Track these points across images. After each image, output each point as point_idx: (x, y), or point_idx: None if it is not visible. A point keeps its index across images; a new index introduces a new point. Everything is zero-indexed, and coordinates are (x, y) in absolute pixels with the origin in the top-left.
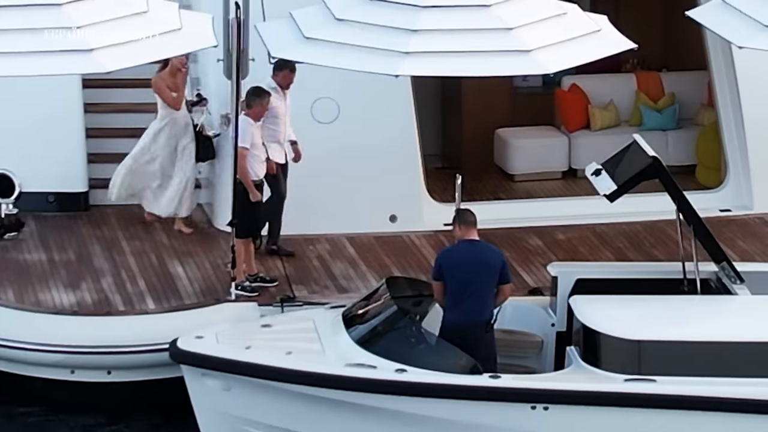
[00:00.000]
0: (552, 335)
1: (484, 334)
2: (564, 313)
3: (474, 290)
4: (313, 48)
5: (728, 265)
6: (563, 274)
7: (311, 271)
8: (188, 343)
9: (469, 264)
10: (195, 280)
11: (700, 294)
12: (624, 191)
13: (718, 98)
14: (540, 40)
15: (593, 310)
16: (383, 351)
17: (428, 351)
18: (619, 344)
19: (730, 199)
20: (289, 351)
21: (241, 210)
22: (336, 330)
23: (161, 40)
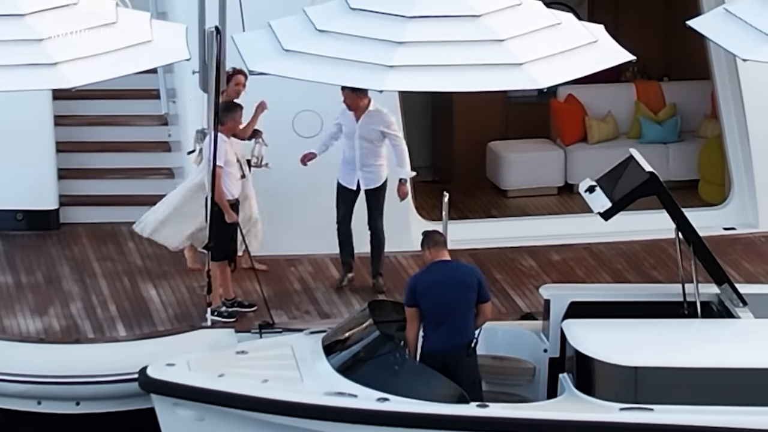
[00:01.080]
0: (545, 362)
1: (465, 358)
2: (557, 338)
3: (452, 312)
4: (293, 61)
5: (730, 287)
6: (556, 297)
7: (292, 295)
8: (159, 370)
9: (443, 285)
10: (169, 305)
11: (700, 317)
12: (619, 209)
13: (721, 109)
14: (533, 53)
15: (587, 334)
16: (365, 379)
17: (412, 379)
18: (615, 371)
19: (735, 216)
20: (266, 379)
21: (217, 232)
22: (315, 357)
23: (131, 52)
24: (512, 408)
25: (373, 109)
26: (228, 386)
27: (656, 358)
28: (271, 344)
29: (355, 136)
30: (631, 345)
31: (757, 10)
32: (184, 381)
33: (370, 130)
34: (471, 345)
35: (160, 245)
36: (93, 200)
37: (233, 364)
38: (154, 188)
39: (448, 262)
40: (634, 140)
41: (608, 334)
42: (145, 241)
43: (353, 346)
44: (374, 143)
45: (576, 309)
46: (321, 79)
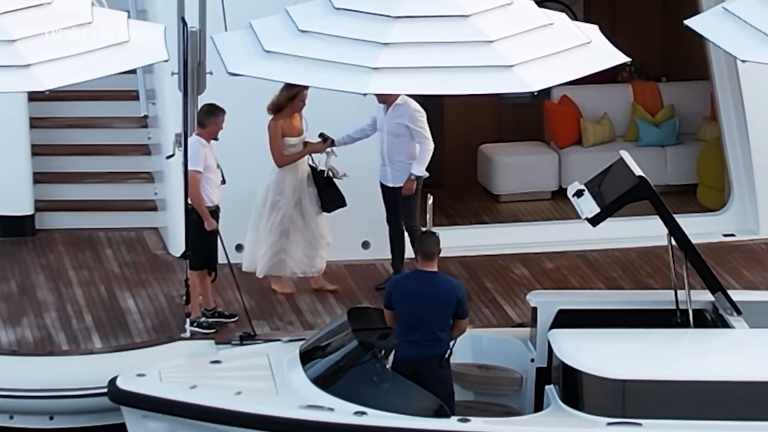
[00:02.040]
0: (532, 371)
1: (438, 369)
2: (544, 348)
3: (425, 325)
4: (274, 62)
5: (724, 296)
6: (543, 305)
7: (275, 305)
8: (128, 381)
9: (420, 298)
10: (147, 315)
11: (692, 327)
12: (608, 214)
13: (721, 111)
14: (523, 54)
15: (573, 345)
16: (342, 391)
17: (391, 392)
18: (602, 384)
19: (735, 222)
20: (239, 391)
21: (196, 239)
22: (291, 367)
23: (107, 53)
24: (494, 422)
25: (401, 102)
26: (200, 398)
27: (645, 371)
28: (247, 354)
29: (384, 130)
30: (620, 357)
31: (757, 8)
32: (155, 392)
33: (395, 124)
34: (444, 356)
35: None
36: (70, 205)
37: (206, 375)
38: (133, 193)
39: (430, 273)
40: (630, 143)
41: (596, 345)
42: (123, 247)
43: (331, 356)
44: (401, 138)
45: (564, 317)
46: (302, 81)
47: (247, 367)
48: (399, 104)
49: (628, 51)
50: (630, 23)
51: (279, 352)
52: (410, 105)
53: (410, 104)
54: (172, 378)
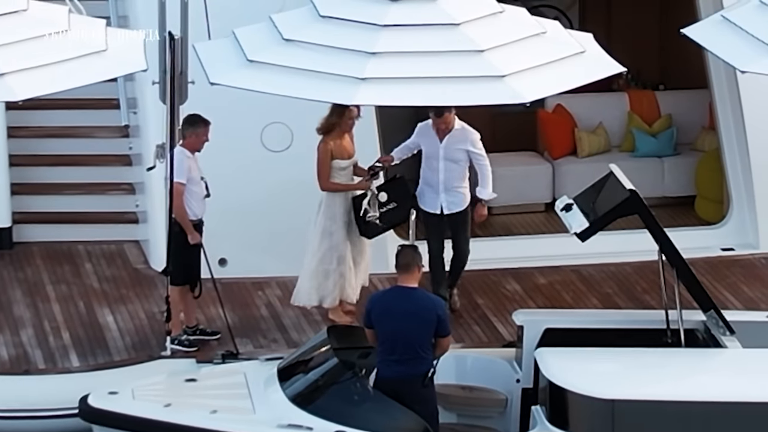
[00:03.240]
0: (517, 392)
1: (420, 389)
2: (530, 368)
3: (405, 343)
4: (257, 73)
5: (716, 314)
6: (530, 323)
7: (259, 322)
8: (100, 399)
9: (399, 315)
10: (127, 333)
11: (684, 346)
12: (598, 229)
13: (720, 121)
14: (515, 64)
15: (561, 364)
16: (321, 410)
17: (372, 410)
18: (590, 404)
19: (734, 236)
20: (215, 409)
21: (178, 253)
22: (269, 385)
23: (84, 62)
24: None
25: (459, 127)
26: (174, 417)
27: (636, 391)
28: (223, 372)
29: (440, 157)
30: (609, 376)
31: (757, 17)
32: (128, 411)
33: (455, 150)
34: (427, 375)
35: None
36: (48, 217)
37: (181, 393)
38: (113, 205)
39: (410, 290)
40: (626, 153)
41: (584, 364)
42: (102, 261)
43: (310, 374)
44: (459, 164)
45: (551, 336)
46: (286, 92)
47: (224, 386)
48: (458, 129)
49: (624, 58)
50: (627, 30)
51: (257, 371)
52: (469, 129)
53: (467, 128)
54: (146, 396)
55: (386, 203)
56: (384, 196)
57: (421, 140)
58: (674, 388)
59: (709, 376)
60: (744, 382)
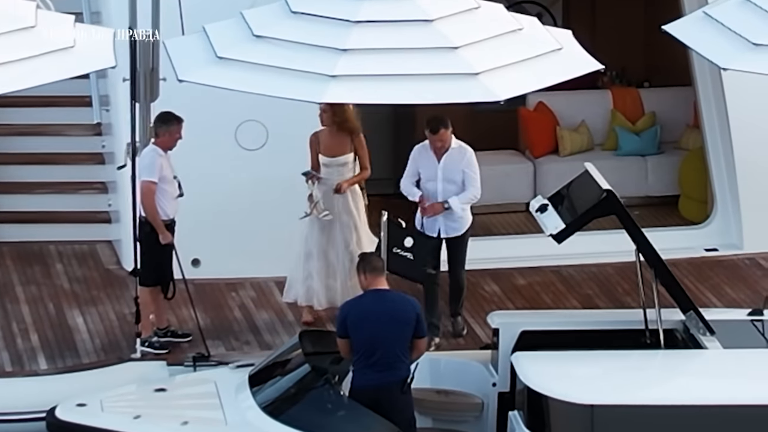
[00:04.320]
0: (493, 396)
1: (399, 396)
2: (507, 371)
3: (385, 347)
4: (226, 69)
5: (696, 315)
6: (506, 326)
7: (231, 324)
8: (68, 412)
9: (377, 318)
10: (96, 334)
11: (663, 348)
12: (573, 230)
13: (704, 119)
14: (490, 61)
15: (538, 368)
16: (294, 419)
17: (346, 419)
18: (569, 409)
19: (717, 236)
20: (185, 420)
21: (149, 254)
22: (240, 395)
23: (50, 59)
24: None
25: (456, 146)
26: (144, 429)
27: (615, 395)
28: (193, 381)
29: (438, 179)
30: (588, 380)
31: (739, 13)
32: (96, 423)
33: (453, 171)
34: (406, 381)
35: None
36: (19, 217)
37: (151, 403)
38: (86, 204)
39: (384, 292)
40: (609, 152)
41: (562, 368)
42: (74, 261)
43: (282, 382)
44: (458, 185)
45: (528, 339)
46: (255, 89)
47: (194, 395)
48: (455, 148)
49: (609, 55)
50: (611, 26)
51: (227, 379)
52: (467, 149)
53: (465, 147)
54: (115, 407)
55: (406, 249)
56: (410, 242)
57: (419, 164)
58: (655, 391)
59: (689, 379)
60: (725, 385)
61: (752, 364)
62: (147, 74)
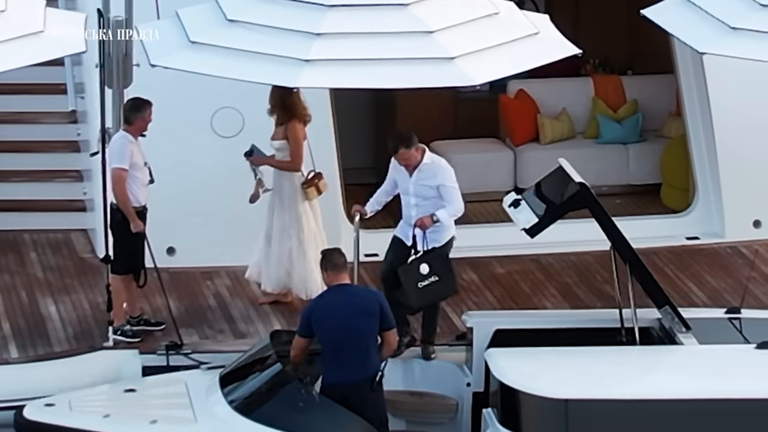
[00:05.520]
0: (468, 397)
1: (369, 393)
2: (481, 371)
3: (352, 342)
4: (199, 54)
5: (672, 310)
6: (480, 325)
7: (206, 312)
8: (36, 411)
9: (342, 312)
10: (69, 323)
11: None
12: (547, 224)
13: (685, 107)
14: (466, 46)
15: (512, 364)
16: (265, 418)
17: (319, 418)
18: (543, 404)
19: (699, 224)
20: (154, 419)
21: (121, 242)
22: (211, 394)
23: (19, 44)
24: None
25: (428, 162)
26: (113, 428)
27: (590, 390)
28: (163, 381)
29: (410, 193)
30: (562, 375)
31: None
32: (65, 423)
33: (423, 187)
34: (376, 378)
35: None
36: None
37: (120, 403)
38: (61, 192)
39: (347, 286)
40: (590, 140)
41: (536, 364)
42: (48, 250)
43: (253, 381)
44: (431, 200)
45: (502, 337)
46: (228, 74)
47: (164, 395)
48: (426, 164)
49: (591, 43)
50: (595, 13)
51: (198, 380)
52: (439, 164)
53: (438, 163)
54: (84, 407)
55: (427, 275)
56: (425, 269)
57: (395, 175)
58: (631, 386)
59: (664, 374)
60: (701, 379)
61: (728, 360)
62: (120, 60)
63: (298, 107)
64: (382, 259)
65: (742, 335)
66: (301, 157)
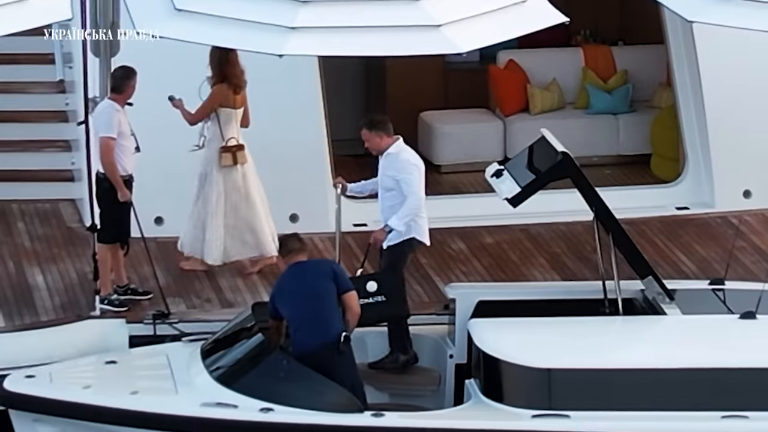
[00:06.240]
0: (451, 369)
1: (336, 357)
2: (464, 342)
3: (310, 306)
4: (184, 22)
5: (655, 281)
6: (462, 296)
7: (193, 282)
8: (17, 383)
9: (296, 282)
10: (56, 292)
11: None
12: (529, 194)
13: (675, 77)
14: (452, 13)
15: (495, 334)
16: (246, 388)
17: (299, 386)
18: (526, 374)
19: (689, 194)
20: (135, 391)
21: (107, 211)
22: (192, 365)
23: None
24: (411, 417)
25: (393, 152)
26: (94, 399)
27: (572, 359)
28: (144, 354)
29: (379, 184)
30: (545, 345)
31: None
32: (46, 394)
33: (386, 177)
34: (341, 340)
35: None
36: None
37: (101, 374)
38: (49, 162)
39: (300, 262)
40: (580, 110)
41: (519, 334)
42: (36, 220)
43: (234, 352)
44: (393, 193)
45: (484, 309)
46: (214, 42)
47: (145, 367)
48: (391, 153)
49: (583, 14)
50: None
51: (179, 351)
52: (401, 155)
53: (402, 154)
54: (64, 379)
55: (374, 294)
56: (373, 286)
57: None
58: (614, 356)
59: (647, 344)
60: (683, 349)
61: (711, 330)
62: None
63: (228, 71)
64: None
65: (726, 306)
66: (201, 114)
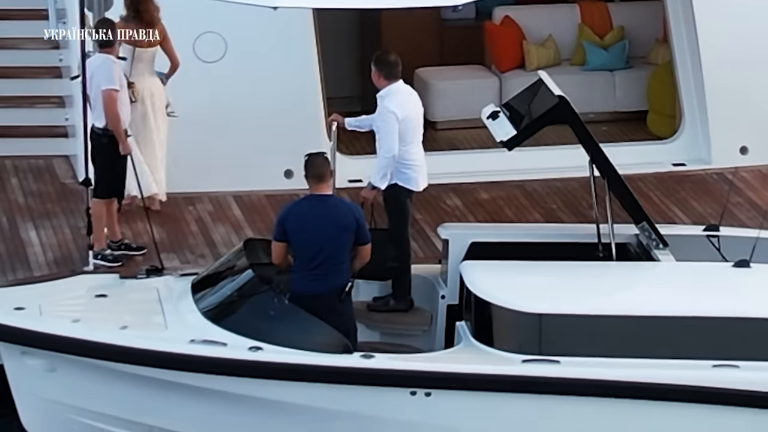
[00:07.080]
0: (442, 310)
1: (337, 304)
2: (456, 284)
3: (326, 253)
4: None
5: (650, 227)
6: (455, 237)
7: (187, 237)
8: (5, 315)
9: (317, 223)
10: (49, 248)
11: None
12: (525, 137)
13: (672, 33)
14: None
15: (486, 277)
16: (236, 325)
17: (289, 326)
18: (517, 318)
19: (685, 151)
20: (125, 325)
21: (106, 163)
22: (182, 301)
23: None
24: (400, 359)
25: (382, 94)
26: (82, 333)
27: (564, 304)
28: (135, 288)
29: None
30: (537, 289)
31: None
32: (34, 327)
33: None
34: (345, 290)
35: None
36: None
37: (90, 308)
38: (43, 118)
39: (326, 197)
40: (577, 67)
41: (511, 277)
42: (29, 176)
43: (224, 289)
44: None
45: (477, 251)
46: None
47: (135, 301)
48: (380, 96)
49: None
50: None
51: (170, 286)
52: (385, 100)
53: (386, 99)
54: (54, 312)
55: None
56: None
57: None
58: (606, 302)
59: (641, 290)
60: (676, 296)
61: (704, 278)
62: None
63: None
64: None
65: (720, 253)
66: None
